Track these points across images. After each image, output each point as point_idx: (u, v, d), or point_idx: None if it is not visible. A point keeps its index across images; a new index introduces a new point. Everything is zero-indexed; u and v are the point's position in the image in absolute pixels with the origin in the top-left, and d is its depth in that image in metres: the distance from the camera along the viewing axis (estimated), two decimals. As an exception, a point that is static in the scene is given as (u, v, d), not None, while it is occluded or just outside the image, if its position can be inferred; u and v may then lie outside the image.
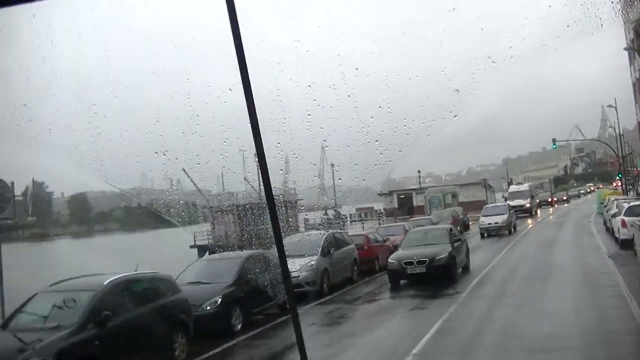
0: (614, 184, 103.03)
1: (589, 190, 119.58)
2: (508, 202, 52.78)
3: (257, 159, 3.24)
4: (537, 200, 68.52)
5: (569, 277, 20.11)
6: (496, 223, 38.99)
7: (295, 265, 20.08)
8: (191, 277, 17.49)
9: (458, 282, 20.86)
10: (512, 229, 40.09)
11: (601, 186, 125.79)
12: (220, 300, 15.83)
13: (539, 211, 63.44)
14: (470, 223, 48.79)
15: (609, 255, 23.57)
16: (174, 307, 13.78)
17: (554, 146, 70.56)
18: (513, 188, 65.24)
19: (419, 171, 77.34)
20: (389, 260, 22.35)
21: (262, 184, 4.00)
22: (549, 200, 79.40)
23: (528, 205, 57.27)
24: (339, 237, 25.14)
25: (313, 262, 21.17)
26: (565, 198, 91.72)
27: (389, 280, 22.14)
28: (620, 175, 63.27)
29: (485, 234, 39.23)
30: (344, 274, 23.50)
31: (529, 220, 51.49)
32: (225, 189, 56.60)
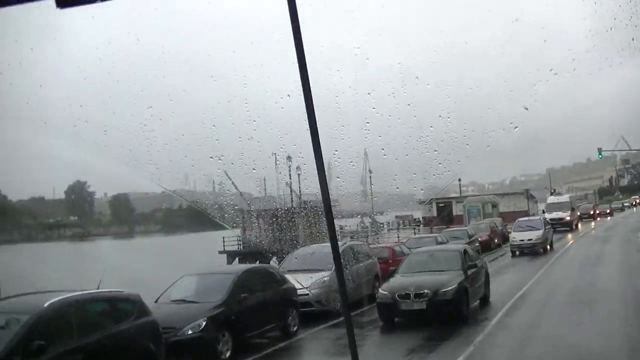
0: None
1: (634, 202, 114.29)
2: (546, 214, 50.35)
3: (315, 163, 3.20)
4: (578, 213, 63.67)
5: (619, 312, 15.41)
6: (529, 240, 34.44)
7: (306, 281, 18.16)
8: (178, 294, 15.46)
9: (469, 324, 15.66)
10: (549, 247, 35.84)
11: None
12: (204, 323, 13.72)
13: (580, 225, 58.62)
14: (509, 234, 45.72)
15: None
16: (139, 333, 11.53)
17: (600, 156, 65.99)
18: (551, 199, 60.65)
19: (459, 179, 76.02)
20: (380, 290, 17.13)
21: (320, 189, 3.52)
22: (591, 212, 73.82)
23: (568, 218, 53.04)
24: (358, 250, 22.61)
25: (326, 278, 18.33)
26: (608, 211, 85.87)
27: (379, 316, 16.67)
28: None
29: (517, 252, 34.44)
30: (362, 291, 19.49)
31: (569, 236, 47.90)
32: (268, 194, 56.39)
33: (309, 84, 2.99)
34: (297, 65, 2.94)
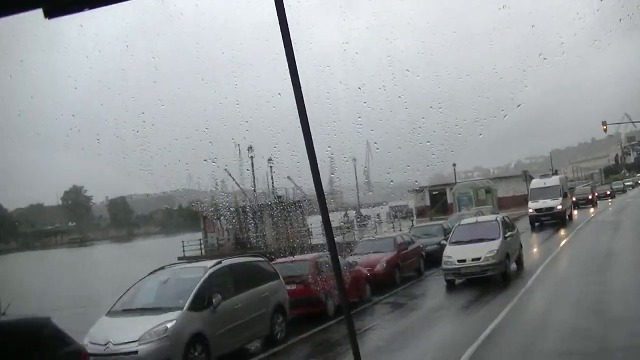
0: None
1: (638, 182, 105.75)
2: (530, 204, 41.18)
3: (308, 159, 3.10)
4: (574, 199, 53.11)
5: None
6: (475, 260, 20.38)
7: (133, 330, 12.19)
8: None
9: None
10: (510, 267, 21.62)
11: None
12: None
13: (575, 212, 47.37)
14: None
15: None
16: None
17: (605, 130, 54.21)
18: (535, 183, 44.39)
19: (454, 164, 70.31)
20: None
21: (313, 184, 3.29)
22: (589, 197, 60.15)
23: (560, 207, 40.00)
24: (247, 270, 15.40)
25: (169, 324, 12.14)
26: (608, 192, 74.24)
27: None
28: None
29: (455, 280, 21.82)
30: (243, 335, 14.09)
31: (560, 234, 34.75)
32: (241, 188, 53.59)
33: (299, 83, 3.00)
34: (287, 63, 2.97)
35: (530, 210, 40.99)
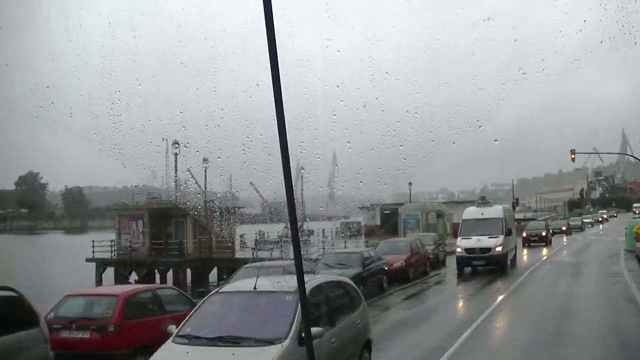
0: (636, 211, 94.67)
1: (600, 219, 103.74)
2: (459, 241, 30.73)
3: (281, 155, 3.16)
4: (524, 234, 48.57)
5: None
6: None
7: None
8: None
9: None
10: None
11: (615, 215, 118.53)
12: None
13: (524, 253, 41.09)
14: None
15: None
16: None
17: (573, 159, 47.22)
18: (470, 213, 32.76)
19: (409, 183, 66.50)
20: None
21: (283, 181, 3.21)
22: (542, 234, 50.99)
23: (499, 249, 29.65)
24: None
25: None
26: (564, 229, 66.86)
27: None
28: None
29: None
30: None
31: (499, 284, 26.04)
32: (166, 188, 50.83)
33: (278, 75, 3.05)
34: (267, 55, 3.03)
35: (459, 250, 30.03)
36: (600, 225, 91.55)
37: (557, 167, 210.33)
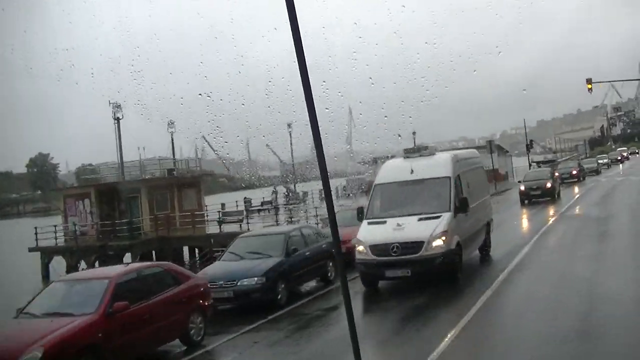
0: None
1: (619, 157, 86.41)
2: (361, 232, 15.30)
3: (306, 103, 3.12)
4: (521, 188, 36.06)
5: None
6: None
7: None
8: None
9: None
10: None
11: (637, 151, 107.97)
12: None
13: (509, 226, 26.00)
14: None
15: None
16: None
17: (590, 90, 39.52)
18: (389, 171, 17.09)
19: (413, 132, 56.28)
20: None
21: (312, 134, 3.13)
22: (547, 185, 35.77)
23: (440, 241, 14.31)
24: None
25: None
26: (574, 173, 51.41)
27: None
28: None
29: None
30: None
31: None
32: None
33: (296, 17, 3.01)
34: None
35: (361, 250, 14.92)
36: (620, 166, 76.13)
37: (575, 107, 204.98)
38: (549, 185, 35.69)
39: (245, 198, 50.34)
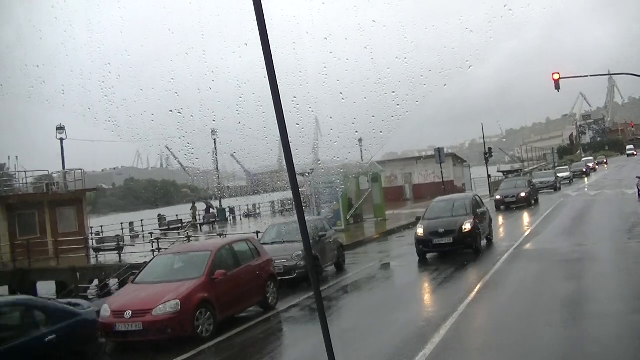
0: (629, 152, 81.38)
1: (584, 169, 71.69)
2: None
3: (278, 128, 2.97)
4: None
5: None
6: None
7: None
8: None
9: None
10: None
11: (605, 161, 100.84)
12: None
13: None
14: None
15: None
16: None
17: (556, 84, 35.97)
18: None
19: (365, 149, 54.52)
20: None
21: (281, 148, 3.09)
22: (466, 228, 21.18)
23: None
24: None
25: None
26: (523, 195, 37.30)
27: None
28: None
29: None
30: None
31: None
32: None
33: (266, 33, 2.95)
34: (254, 12, 2.95)
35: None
36: (585, 180, 63.22)
37: (545, 116, 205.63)
38: (468, 228, 21.28)
39: (159, 215, 47.57)
